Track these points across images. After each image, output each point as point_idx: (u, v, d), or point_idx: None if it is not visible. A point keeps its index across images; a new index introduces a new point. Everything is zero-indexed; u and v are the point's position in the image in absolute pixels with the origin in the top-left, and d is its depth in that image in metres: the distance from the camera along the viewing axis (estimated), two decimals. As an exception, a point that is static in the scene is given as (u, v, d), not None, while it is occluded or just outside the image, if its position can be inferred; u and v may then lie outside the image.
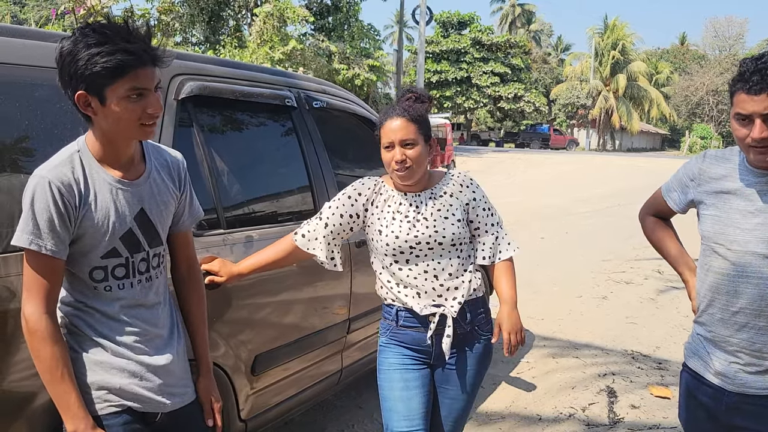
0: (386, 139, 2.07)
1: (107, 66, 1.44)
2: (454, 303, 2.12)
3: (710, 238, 1.82)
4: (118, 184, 1.59)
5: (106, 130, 1.54)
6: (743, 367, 1.77)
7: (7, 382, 1.66)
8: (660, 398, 3.95)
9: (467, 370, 2.20)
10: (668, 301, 6.30)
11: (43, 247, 1.47)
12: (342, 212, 2.17)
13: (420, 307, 2.12)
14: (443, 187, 2.17)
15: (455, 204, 2.15)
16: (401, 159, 2.05)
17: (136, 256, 1.65)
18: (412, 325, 2.16)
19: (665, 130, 55.72)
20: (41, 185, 1.48)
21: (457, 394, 2.21)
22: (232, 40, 18.75)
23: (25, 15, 35.56)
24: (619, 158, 34.43)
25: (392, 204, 2.16)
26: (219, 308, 2.26)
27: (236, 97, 2.54)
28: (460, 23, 42.85)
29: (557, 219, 12.08)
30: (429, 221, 2.10)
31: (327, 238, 2.18)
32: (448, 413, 2.23)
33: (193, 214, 1.87)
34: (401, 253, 2.11)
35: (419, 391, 2.17)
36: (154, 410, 1.67)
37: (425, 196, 2.15)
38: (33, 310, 1.49)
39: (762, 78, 1.57)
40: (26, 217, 1.47)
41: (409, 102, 2.13)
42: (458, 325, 2.14)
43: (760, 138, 1.61)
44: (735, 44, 59.38)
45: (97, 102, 1.49)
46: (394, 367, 2.19)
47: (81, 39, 1.45)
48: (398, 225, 2.11)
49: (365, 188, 2.20)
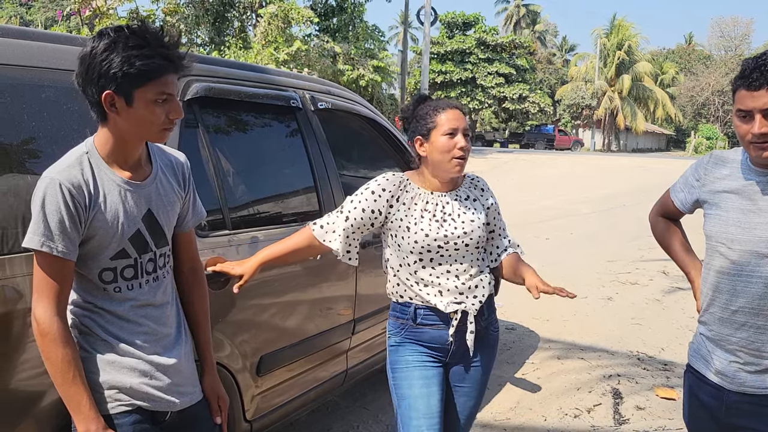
0: (449, 126, 2.08)
1: (143, 69, 1.47)
2: (474, 301, 2.15)
3: (713, 238, 1.83)
4: (126, 185, 1.61)
5: (124, 131, 1.56)
6: (743, 366, 1.78)
7: (15, 382, 1.66)
8: (665, 399, 3.94)
9: (481, 367, 2.24)
10: (674, 302, 6.28)
11: (55, 248, 1.48)
12: (364, 207, 2.14)
13: (444, 305, 2.12)
14: (466, 189, 2.21)
15: (479, 207, 2.19)
16: (465, 146, 2.09)
17: (144, 257, 1.66)
18: (432, 322, 2.15)
19: (671, 130, 55.54)
20: (52, 187, 1.48)
21: (471, 391, 2.25)
22: (237, 41, 18.78)
23: (31, 16, 35.72)
24: (624, 159, 34.33)
25: (419, 202, 2.15)
26: (224, 309, 2.26)
27: (241, 98, 2.54)
28: (464, 24, 42.80)
29: (562, 220, 12.06)
30: (457, 222, 2.13)
31: (346, 231, 2.15)
32: (462, 410, 2.25)
33: (197, 214, 1.88)
34: (428, 252, 2.11)
35: (438, 389, 2.17)
36: (163, 409, 1.68)
37: (451, 197, 2.17)
38: (44, 312, 1.49)
39: (761, 74, 1.59)
40: (37, 218, 1.48)
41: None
42: (476, 322, 2.16)
43: (759, 133, 1.62)
44: (741, 44, 59.18)
45: (123, 103, 1.51)
46: (413, 365, 2.17)
47: (120, 40, 1.48)
48: (428, 223, 2.11)
49: (390, 184, 2.15)
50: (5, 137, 1.70)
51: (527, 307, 5.91)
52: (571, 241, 9.76)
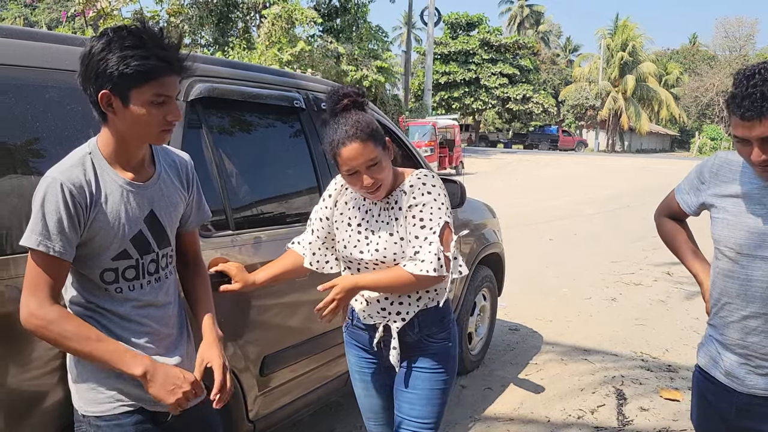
0: (346, 167, 1.88)
1: (139, 69, 1.47)
2: (397, 318, 2.03)
3: (721, 242, 1.81)
4: (128, 187, 1.61)
5: (122, 132, 1.55)
6: (754, 369, 1.76)
7: (18, 383, 1.66)
8: (669, 401, 3.92)
9: (421, 374, 2.08)
10: (678, 303, 6.26)
11: (51, 248, 1.48)
12: (321, 216, 2.16)
13: (364, 316, 2.09)
14: (398, 195, 1.98)
15: (401, 218, 1.95)
16: (371, 183, 1.89)
17: (146, 258, 1.66)
18: (363, 327, 2.15)
19: (675, 131, 55.41)
20: (53, 187, 1.48)
21: (414, 398, 2.08)
22: (241, 42, 18.82)
23: (36, 17, 35.84)
24: (627, 159, 34.29)
25: (351, 208, 2.09)
26: (227, 309, 2.26)
27: (245, 98, 2.54)
28: (468, 24, 42.80)
29: (566, 220, 12.04)
30: (375, 236, 1.99)
31: (314, 245, 2.18)
32: (408, 416, 2.10)
33: (201, 214, 1.89)
34: (350, 262, 2.08)
35: (377, 392, 2.24)
36: (164, 410, 1.68)
37: (381, 206, 2.01)
38: (39, 304, 1.49)
39: (752, 104, 1.52)
40: (36, 217, 1.48)
41: (350, 115, 1.89)
42: (406, 334, 2.04)
43: (759, 162, 1.59)
44: (745, 45, 59.02)
45: (120, 103, 1.50)
46: (355, 368, 2.26)
47: (116, 39, 1.47)
48: (349, 234, 2.05)
49: (333, 189, 2.16)
50: (8, 138, 1.70)
51: (531, 308, 5.90)
52: (575, 242, 9.74)
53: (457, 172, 22.73)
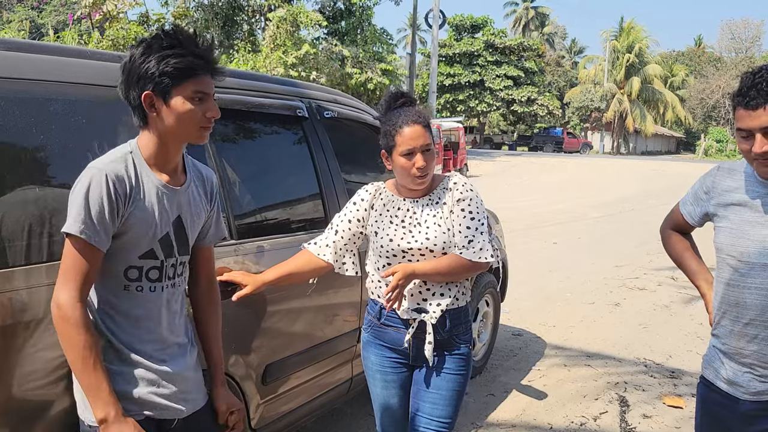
0: (406, 147, 2.07)
1: (178, 66, 1.56)
2: (437, 309, 2.14)
3: (722, 250, 1.83)
4: (163, 188, 1.66)
5: (164, 131, 1.62)
6: (757, 377, 1.78)
7: (22, 390, 1.67)
8: (673, 408, 3.92)
9: (446, 375, 2.20)
10: (682, 308, 6.25)
11: (92, 237, 1.52)
12: (350, 218, 2.26)
13: (403, 310, 2.15)
14: (440, 192, 2.18)
15: (446, 211, 2.15)
16: (423, 166, 2.07)
17: (169, 261, 1.70)
18: (393, 324, 2.21)
19: (680, 133, 55.24)
20: (98, 177, 1.53)
21: (437, 398, 2.19)
22: (246, 45, 18.87)
23: (42, 20, 36.01)
24: (633, 162, 34.20)
25: (391, 208, 2.21)
26: (230, 317, 2.27)
27: (248, 108, 2.56)
28: (473, 26, 42.81)
29: (570, 224, 12.02)
30: (422, 227, 2.13)
31: (337, 244, 2.26)
32: (430, 416, 2.20)
33: (218, 231, 1.94)
34: (394, 256, 2.16)
35: (398, 392, 2.29)
36: (170, 417, 1.71)
37: (423, 202, 2.18)
38: (68, 297, 1.52)
39: (758, 92, 1.58)
40: (79, 206, 1.52)
41: (410, 107, 2.15)
42: (437, 332, 2.15)
43: (761, 152, 1.61)
44: (751, 46, 58.85)
45: (161, 102, 1.58)
46: (376, 368, 2.30)
47: (154, 43, 1.57)
48: (393, 229, 2.16)
49: (367, 193, 2.27)
50: (13, 150, 1.72)
51: (534, 313, 5.90)
52: (579, 246, 9.73)
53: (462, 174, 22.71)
